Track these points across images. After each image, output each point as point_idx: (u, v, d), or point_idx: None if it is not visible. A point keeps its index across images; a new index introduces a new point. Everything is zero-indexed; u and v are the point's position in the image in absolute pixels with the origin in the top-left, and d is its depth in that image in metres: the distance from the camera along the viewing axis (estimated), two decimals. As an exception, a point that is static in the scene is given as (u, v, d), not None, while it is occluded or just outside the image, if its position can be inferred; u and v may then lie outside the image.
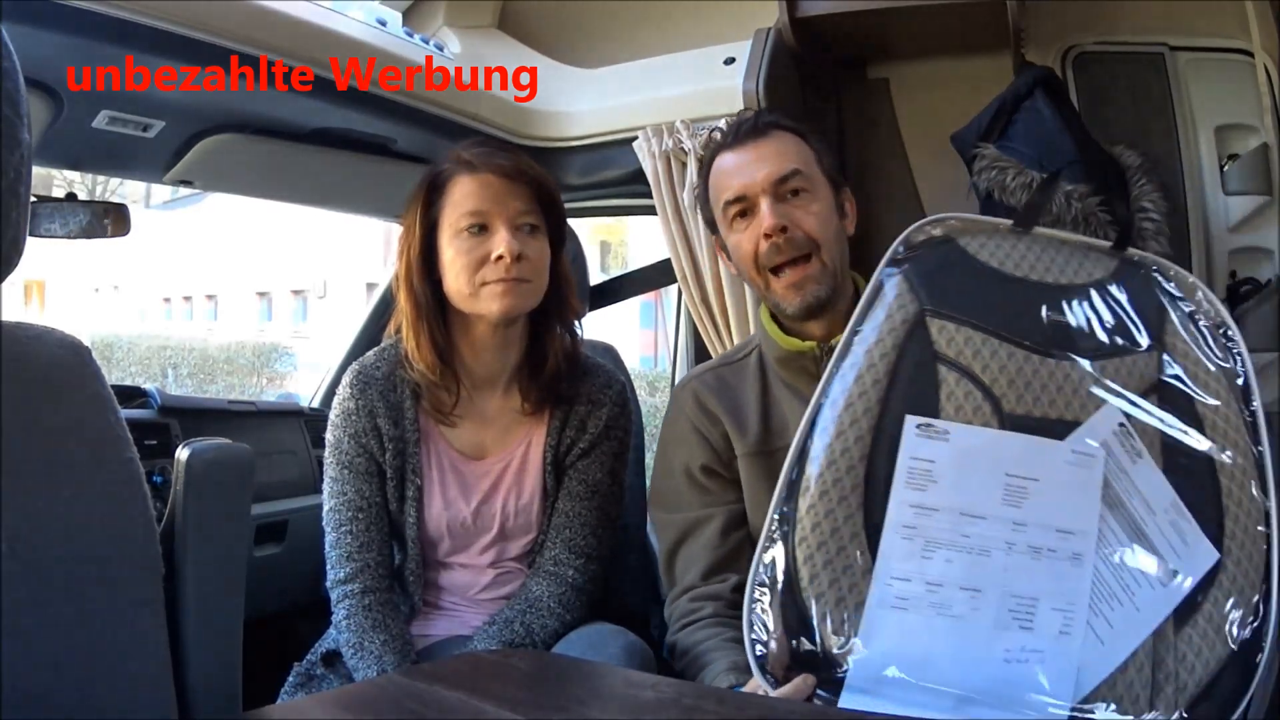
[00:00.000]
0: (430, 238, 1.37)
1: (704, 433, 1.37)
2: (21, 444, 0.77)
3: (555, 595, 1.38)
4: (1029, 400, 1.12)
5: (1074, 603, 1.04)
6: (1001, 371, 1.13)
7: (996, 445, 1.10)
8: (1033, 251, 1.22)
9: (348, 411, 1.40)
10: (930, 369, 1.14)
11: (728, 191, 1.35)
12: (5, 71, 0.74)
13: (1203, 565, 1.06)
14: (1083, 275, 1.21)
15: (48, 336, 0.83)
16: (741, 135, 1.37)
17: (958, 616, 1.04)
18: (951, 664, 1.03)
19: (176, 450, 0.97)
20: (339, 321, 12.40)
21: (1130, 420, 1.12)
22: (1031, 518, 1.07)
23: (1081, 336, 1.17)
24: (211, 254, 15.75)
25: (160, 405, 1.92)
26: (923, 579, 1.05)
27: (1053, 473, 1.09)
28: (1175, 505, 1.09)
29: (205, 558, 0.94)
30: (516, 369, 1.42)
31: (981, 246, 1.22)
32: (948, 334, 1.16)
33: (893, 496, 1.08)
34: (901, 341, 1.16)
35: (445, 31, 2.07)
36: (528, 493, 1.42)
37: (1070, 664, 1.02)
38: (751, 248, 1.33)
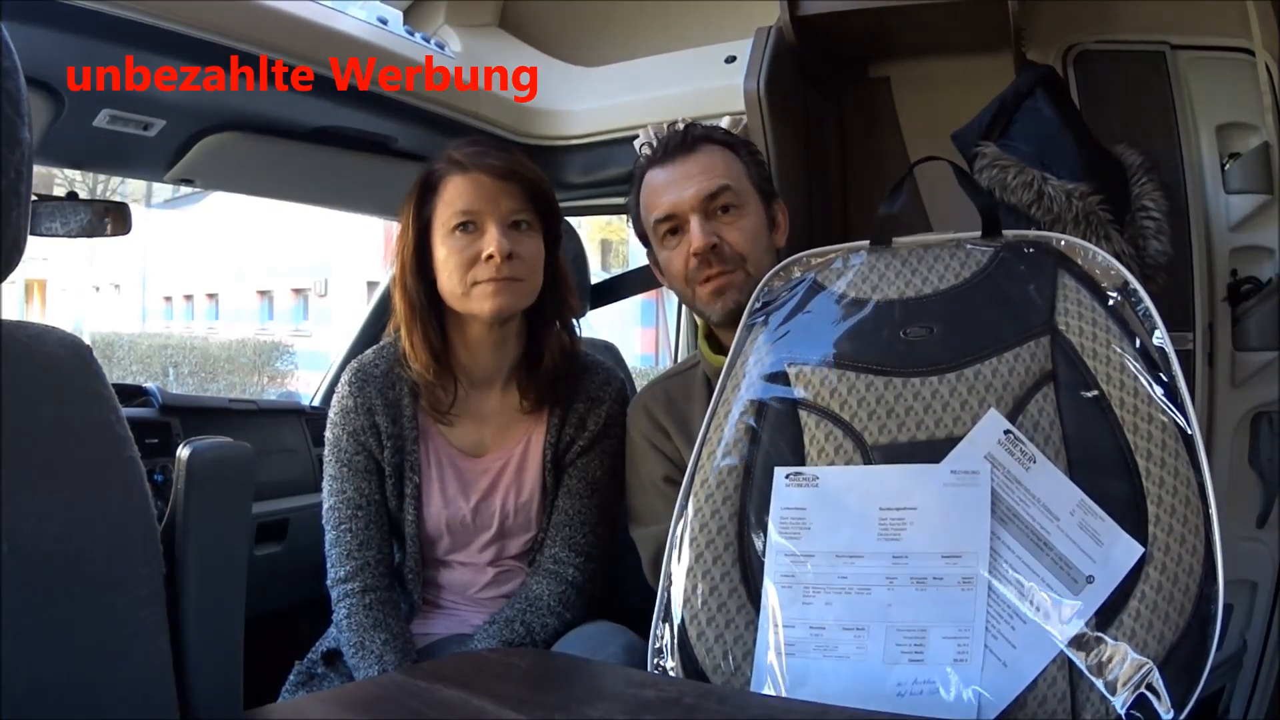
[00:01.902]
0: (424, 237, 1.37)
1: (658, 446, 1.38)
2: (22, 443, 0.77)
3: (555, 594, 1.38)
4: (893, 428, 1.07)
5: (967, 628, 0.98)
6: (861, 404, 1.09)
7: (867, 481, 1.06)
8: (893, 268, 1.18)
9: (346, 409, 1.40)
10: (793, 417, 1.12)
11: (658, 210, 1.36)
12: (6, 70, 0.74)
13: (1124, 562, 0.97)
14: (950, 276, 1.16)
15: (48, 336, 0.83)
16: (670, 151, 1.37)
17: (844, 656, 1.00)
18: (846, 703, 0.99)
19: (177, 449, 0.97)
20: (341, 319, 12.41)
21: (1022, 419, 1.05)
22: (913, 548, 1.02)
23: (953, 344, 1.11)
24: (212, 253, 15.76)
25: (161, 404, 1.92)
26: (805, 624, 1.03)
27: (931, 498, 1.04)
28: (1083, 505, 1.01)
29: (206, 556, 0.94)
30: (514, 367, 1.43)
31: (838, 276, 1.20)
32: (804, 378, 1.13)
33: (769, 548, 1.06)
34: (762, 394, 1.14)
35: (446, 30, 2.07)
36: (527, 490, 1.42)
37: (970, 690, 0.96)
38: (682, 264, 1.35)
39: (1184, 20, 1.72)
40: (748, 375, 1.17)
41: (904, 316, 1.14)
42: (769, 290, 1.24)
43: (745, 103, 1.67)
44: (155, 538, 0.87)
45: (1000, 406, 1.06)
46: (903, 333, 1.13)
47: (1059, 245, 1.16)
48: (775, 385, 1.14)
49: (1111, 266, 1.13)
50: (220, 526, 0.98)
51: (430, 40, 1.92)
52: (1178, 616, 0.95)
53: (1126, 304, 1.10)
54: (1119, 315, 1.09)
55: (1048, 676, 0.95)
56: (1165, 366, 1.05)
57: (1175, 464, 1.00)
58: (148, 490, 0.86)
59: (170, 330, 16.16)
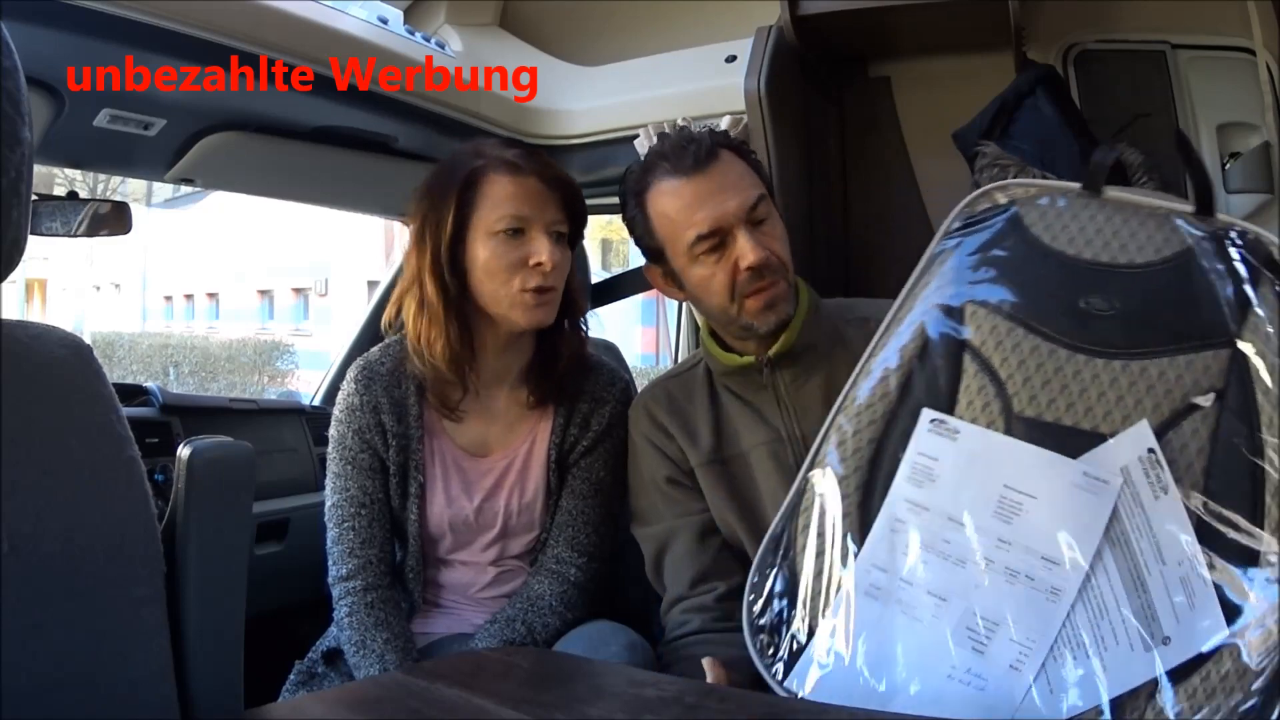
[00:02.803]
0: (460, 234, 1.33)
1: (660, 446, 1.37)
2: (23, 442, 0.77)
3: (557, 594, 1.38)
4: (1043, 402, 1.01)
5: (1036, 640, 0.94)
6: (1020, 367, 1.04)
7: (1002, 452, 1.01)
8: (1095, 222, 1.09)
9: (352, 407, 1.40)
10: (956, 359, 1.07)
11: (697, 226, 1.27)
12: (6, 70, 0.74)
13: (1203, 639, 0.89)
14: (1149, 251, 1.05)
15: (49, 335, 0.83)
16: (697, 162, 1.28)
17: (918, 620, 0.99)
18: (900, 662, 0.99)
19: (178, 448, 0.96)
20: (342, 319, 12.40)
21: (1171, 436, 0.96)
22: (1018, 538, 0.98)
23: (1129, 329, 1.02)
24: (213, 252, 15.77)
25: (162, 403, 1.92)
26: (897, 574, 1.02)
27: (1054, 493, 0.98)
28: (1193, 561, 0.92)
29: (206, 555, 0.94)
30: (526, 367, 1.42)
31: (1040, 217, 1.11)
32: (978, 320, 1.07)
33: (894, 487, 1.05)
34: (933, 325, 1.10)
35: (447, 29, 2.07)
36: (531, 490, 1.42)
37: (1009, 703, 0.93)
38: (728, 279, 1.28)
39: (1184, 20, 1.72)
40: (924, 300, 1.13)
41: (1091, 282, 1.06)
42: (969, 212, 1.17)
43: (745, 102, 1.67)
44: (155, 537, 0.87)
45: (1155, 415, 0.98)
46: (1084, 301, 1.05)
47: (1272, 249, 1.02)
48: (949, 319, 1.10)
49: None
50: (221, 526, 0.97)
51: (431, 40, 1.92)
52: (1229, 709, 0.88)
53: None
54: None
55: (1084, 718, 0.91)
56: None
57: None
58: (148, 490, 0.86)
59: (170, 330, 16.17)
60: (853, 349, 1.32)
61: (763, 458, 1.32)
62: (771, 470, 1.31)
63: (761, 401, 1.34)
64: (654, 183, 1.31)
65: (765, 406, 1.34)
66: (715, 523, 1.35)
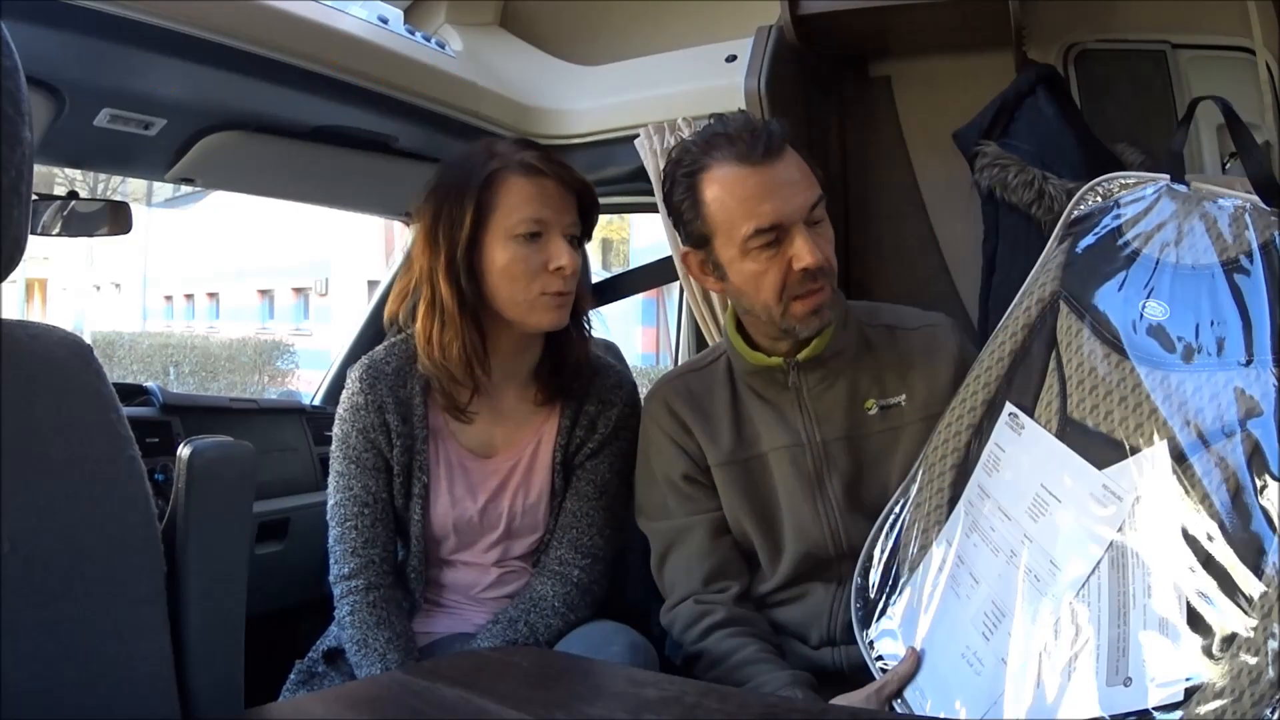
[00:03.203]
0: (477, 235, 1.32)
1: (679, 442, 1.36)
2: (23, 442, 0.78)
3: (560, 595, 1.38)
4: (1087, 406, 1.01)
5: (1026, 640, 0.97)
6: (1078, 369, 1.04)
7: (1047, 452, 1.03)
8: (1176, 217, 1.05)
9: (357, 406, 1.39)
10: (1044, 357, 1.10)
11: (759, 218, 1.21)
12: (6, 70, 0.74)
13: (1156, 695, 0.85)
14: (1215, 250, 1.00)
15: (49, 335, 0.83)
16: (770, 151, 1.22)
17: (959, 597, 1.07)
18: (934, 632, 1.08)
19: (178, 448, 0.97)
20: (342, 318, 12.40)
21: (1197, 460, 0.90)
22: (1039, 537, 1.00)
23: (1175, 336, 0.98)
24: (213, 252, 15.78)
25: (162, 403, 1.92)
26: (957, 552, 1.09)
27: (1074, 500, 0.98)
28: (1180, 599, 0.87)
29: (207, 555, 0.94)
30: (534, 368, 1.42)
31: (1134, 216, 1.10)
32: (1067, 323, 1.09)
33: (975, 472, 1.12)
34: (1034, 321, 1.14)
35: (447, 29, 2.07)
36: (535, 492, 1.42)
37: (992, 692, 0.97)
38: (780, 278, 1.22)
39: (1185, 19, 1.72)
40: (1030, 297, 1.17)
41: (1154, 283, 1.03)
42: (1084, 205, 1.17)
43: (746, 101, 1.67)
44: (156, 536, 0.87)
45: (1185, 434, 0.92)
46: (1143, 304, 1.02)
47: None
48: (1048, 316, 1.13)
49: None
50: (221, 525, 0.98)
51: (431, 39, 1.92)
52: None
53: None
54: None
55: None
56: None
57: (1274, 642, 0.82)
58: (148, 489, 0.86)
59: (171, 329, 16.17)
60: (878, 356, 1.33)
61: (782, 461, 1.31)
62: (790, 474, 1.31)
63: (783, 404, 1.33)
64: (714, 165, 1.24)
65: (787, 409, 1.32)
66: (727, 522, 1.34)
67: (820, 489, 1.29)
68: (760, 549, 1.32)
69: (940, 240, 1.91)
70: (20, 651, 0.74)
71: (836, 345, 1.31)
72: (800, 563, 1.29)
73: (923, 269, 1.93)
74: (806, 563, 1.29)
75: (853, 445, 1.29)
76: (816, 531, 1.28)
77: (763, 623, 1.30)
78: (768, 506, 1.32)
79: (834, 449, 1.29)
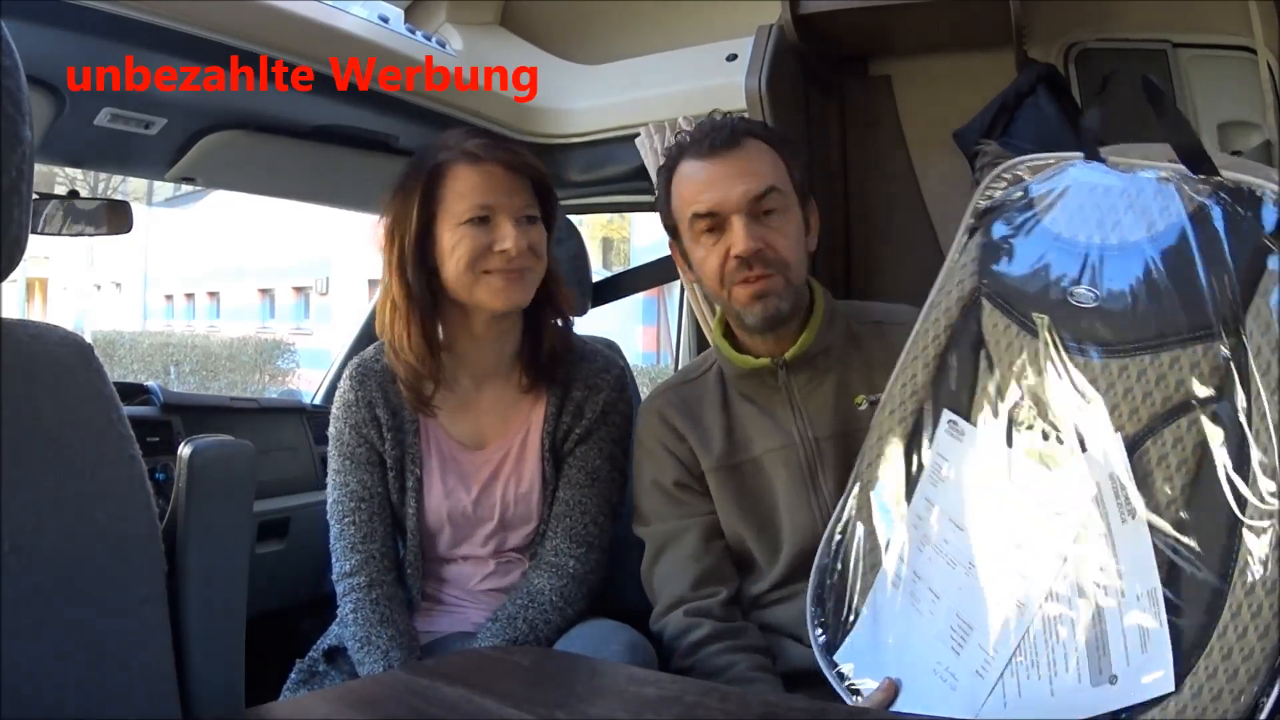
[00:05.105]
0: (428, 228, 1.35)
1: (671, 449, 1.37)
2: (24, 442, 0.78)
3: (557, 588, 1.38)
4: (1027, 405, 0.98)
5: (998, 649, 0.93)
6: (1011, 367, 1.01)
7: (991, 456, 1.00)
8: (1095, 194, 1.01)
9: (348, 403, 1.42)
10: (973, 360, 1.07)
11: (698, 204, 1.29)
12: (6, 69, 0.74)
13: (1149, 689, 0.83)
14: (1141, 225, 0.95)
15: (50, 334, 0.83)
16: (715, 145, 1.30)
17: (921, 613, 1.02)
18: (903, 651, 1.03)
19: (179, 447, 0.97)
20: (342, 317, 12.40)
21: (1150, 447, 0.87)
22: (997, 546, 0.97)
23: (1111, 323, 0.94)
24: (213, 251, 15.78)
25: (162, 402, 1.92)
26: (912, 567, 1.05)
27: (1029, 504, 0.95)
28: (1153, 596, 0.85)
29: (207, 554, 0.94)
30: (514, 356, 1.43)
31: (1047, 198, 1.06)
32: (992, 320, 1.05)
33: (919, 484, 1.08)
34: (955, 321, 1.10)
35: (447, 28, 2.06)
36: (527, 480, 1.42)
37: (971, 707, 0.93)
38: (719, 264, 1.29)
39: (1185, 19, 1.71)
40: (948, 296, 1.13)
41: (1080, 269, 0.99)
42: (991, 193, 1.15)
43: (746, 100, 1.67)
44: (157, 536, 0.87)
45: (1132, 423, 0.89)
46: (1070, 294, 0.98)
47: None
48: (970, 315, 1.09)
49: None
50: (221, 524, 0.98)
51: (431, 39, 1.92)
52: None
53: None
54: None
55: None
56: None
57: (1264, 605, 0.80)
58: (149, 488, 0.86)
59: (171, 329, 16.17)
60: (867, 353, 1.33)
61: (775, 463, 1.32)
62: (784, 475, 1.32)
63: (774, 405, 1.34)
64: (679, 162, 1.34)
65: (778, 410, 1.34)
66: (720, 526, 1.35)
67: (814, 487, 1.30)
68: (756, 551, 1.32)
69: (940, 239, 1.91)
70: (20, 651, 0.74)
71: (823, 342, 1.33)
72: (796, 561, 1.29)
73: (923, 267, 1.92)
74: (802, 561, 1.29)
75: (844, 442, 1.30)
76: (813, 529, 1.28)
77: (753, 632, 1.30)
78: (763, 508, 1.33)
79: (826, 447, 1.31)
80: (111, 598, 0.82)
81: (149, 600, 0.84)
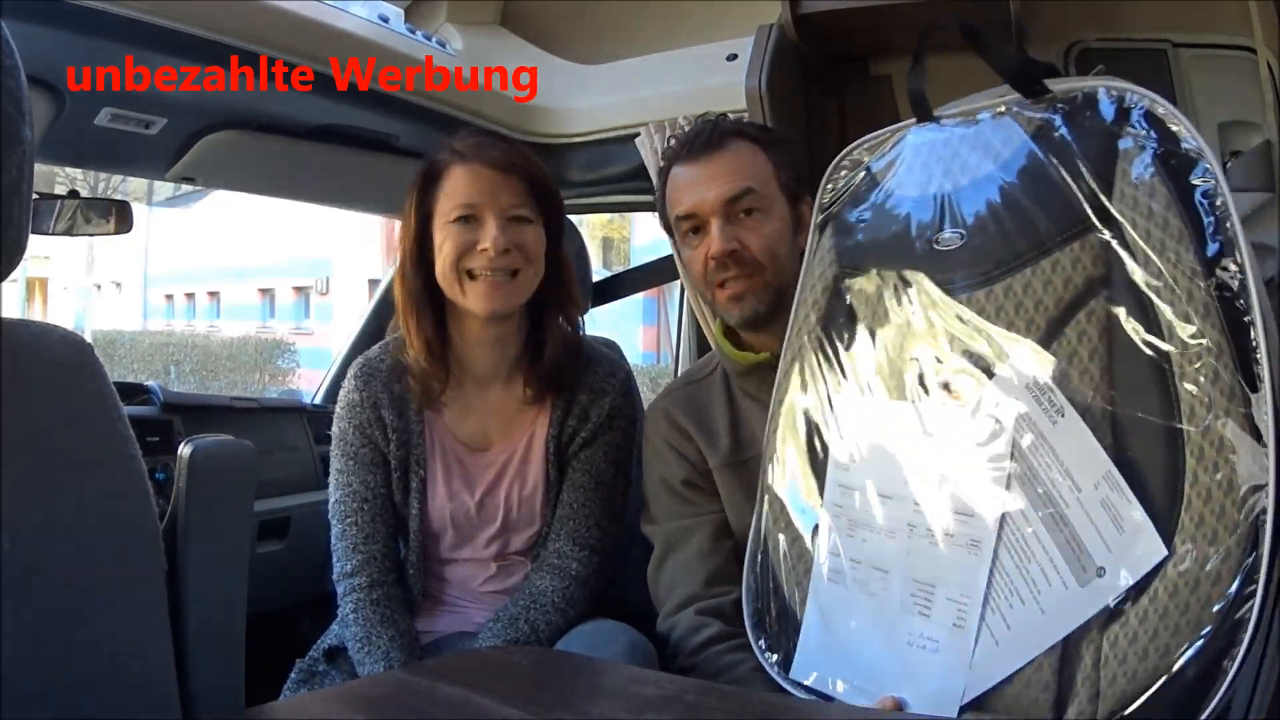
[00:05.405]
0: (425, 227, 1.37)
1: (679, 449, 1.38)
2: (24, 441, 0.78)
3: (559, 590, 1.38)
4: (926, 360, 0.98)
5: (969, 594, 0.92)
6: (899, 330, 1.01)
7: (902, 417, 0.99)
8: (936, 151, 1.05)
9: (352, 403, 1.41)
10: (850, 334, 1.07)
11: (679, 207, 1.34)
12: (7, 69, 0.74)
13: (1142, 562, 0.83)
14: (989, 159, 0.99)
15: (50, 334, 0.83)
16: (697, 148, 1.34)
17: (873, 594, 1.01)
18: (868, 638, 1.01)
19: (179, 447, 0.97)
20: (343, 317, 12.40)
21: (1058, 346, 0.89)
22: (933, 498, 0.96)
23: (985, 252, 0.95)
24: (213, 251, 15.77)
25: (163, 402, 1.92)
26: (847, 555, 1.03)
27: (955, 445, 0.94)
28: (1109, 478, 0.85)
29: (207, 554, 0.94)
30: (517, 359, 1.43)
31: (890, 167, 1.10)
32: (855, 291, 1.07)
33: (828, 473, 1.07)
34: (825, 308, 1.11)
35: (448, 28, 2.06)
36: (531, 483, 1.42)
37: (962, 659, 0.91)
38: (701, 265, 1.33)
39: (1186, 18, 1.71)
40: (812, 289, 1.15)
41: (938, 216, 1.01)
42: (832, 186, 1.19)
43: (746, 100, 1.67)
44: (157, 536, 0.87)
45: (1032, 332, 0.91)
46: (935, 241, 1.01)
47: (1119, 97, 0.92)
48: (838, 298, 1.11)
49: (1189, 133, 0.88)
50: (221, 524, 0.98)
51: (431, 38, 1.92)
52: (1189, 629, 0.80)
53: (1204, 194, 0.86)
54: (1192, 209, 0.85)
55: (1036, 663, 0.88)
56: (1243, 291, 0.82)
57: (1226, 436, 0.80)
58: (149, 488, 0.86)
59: (171, 328, 16.18)
60: None
61: None
62: None
63: None
64: (671, 164, 1.37)
65: None
66: (729, 526, 1.35)
67: None
68: None
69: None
70: (20, 651, 0.74)
71: None
72: None
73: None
74: None
75: None
76: None
77: None
78: None
79: None
80: (111, 598, 0.82)
81: (149, 600, 0.84)
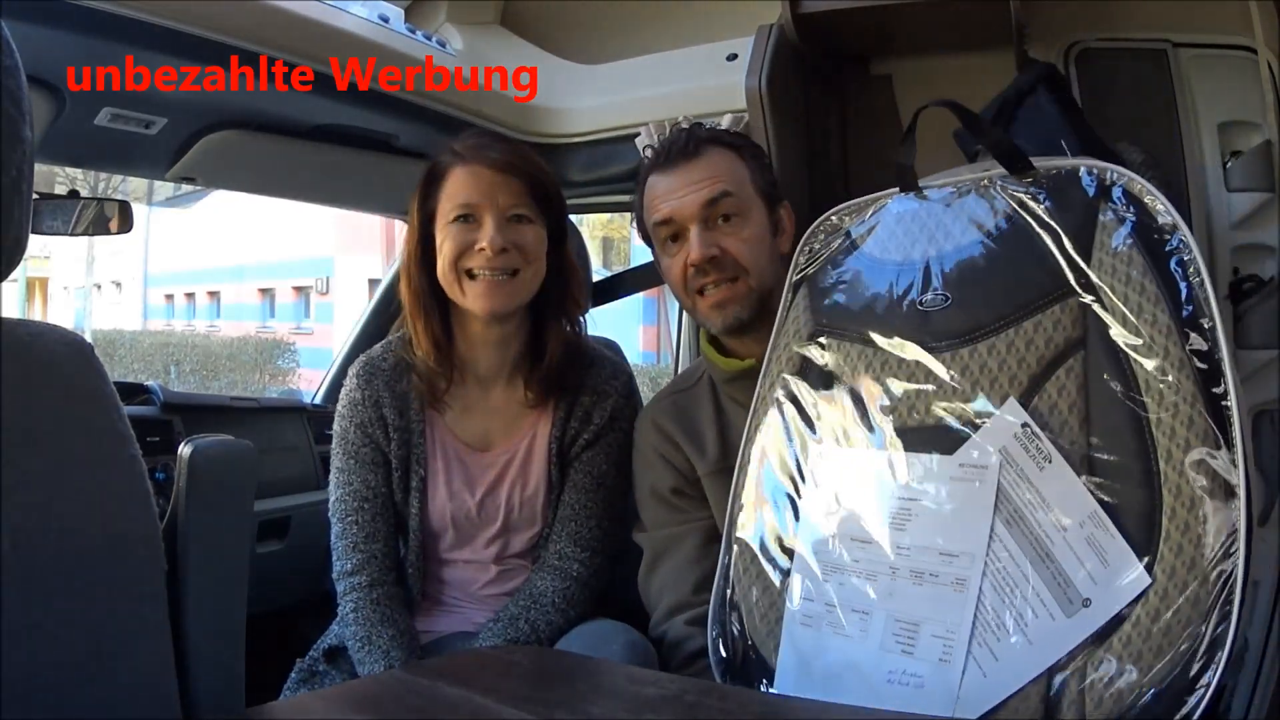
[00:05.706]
0: (428, 228, 1.38)
1: (667, 457, 1.38)
2: (24, 441, 0.78)
3: (559, 590, 1.38)
4: (921, 409, 1.03)
5: (954, 631, 0.96)
6: (878, 384, 1.07)
7: (884, 466, 1.04)
8: (919, 219, 1.11)
9: (354, 402, 1.41)
10: (827, 390, 1.12)
11: (657, 214, 1.34)
12: (7, 69, 0.74)
13: (1127, 593, 0.89)
14: (973, 228, 1.05)
15: (50, 334, 0.83)
16: (673, 156, 1.35)
17: (849, 636, 1.03)
18: (845, 678, 1.03)
19: (179, 447, 0.97)
20: (343, 317, 12.40)
21: (1038, 401, 0.95)
22: (916, 541, 1.00)
23: (970, 312, 1.02)
24: (214, 250, 15.77)
25: (163, 402, 1.92)
26: (823, 600, 1.06)
27: (938, 491, 1.00)
28: (1095, 518, 0.91)
29: (208, 554, 0.94)
30: (518, 360, 1.43)
31: (870, 232, 1.15)
32: (834, 350, 1.12)
33: (802, 518, 1.10)
34: (800, 366, 1.15)
35: (448, 28, 2.06)
36: (532, 484, 1.42)
37: (948, 694, 0.95)
38: (680, 273, 1.33)
39: (1186, 18, 1.71)
40: (787, 347, 1.17)
41: (924, 280, 1.07)
42: (810, 249, 1.22)
43: (747, 100, 1.67)
44: (157, 536, 0.87)
45: (1015, 388, 0.98)
46: (920, 302, 1.06)
47: (1099, 174, 1.01)
48: (811, 356, 1.14)
49: (1164, 208, 0.96)
50: (222, 524, 0.98)
51: (431, 38, 1.92)
52: (1170, 649, 0.86)
53: (1179, 262, 0.93)
54: (1168, 275, 0.93)
55: (1024, 694, 0.91)
56: (1214, 350, 0.90)
57: (1199, 475, 0.88)
58: (149, 488, 0.86)
59: (172, 328, 16.17)
60: None
61: None
62: None
63: None
64: (648, 174, 1.38)
65: None
66: (718, 531, 1.34)
67: None
68: None
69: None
70: (20, 651, 0.74)
71: None
72: None
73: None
74: None
75: None
76: None
77: None
78: None
79: None
80: (111, 597, 0.82)
81: (149, 600, 0.84)
